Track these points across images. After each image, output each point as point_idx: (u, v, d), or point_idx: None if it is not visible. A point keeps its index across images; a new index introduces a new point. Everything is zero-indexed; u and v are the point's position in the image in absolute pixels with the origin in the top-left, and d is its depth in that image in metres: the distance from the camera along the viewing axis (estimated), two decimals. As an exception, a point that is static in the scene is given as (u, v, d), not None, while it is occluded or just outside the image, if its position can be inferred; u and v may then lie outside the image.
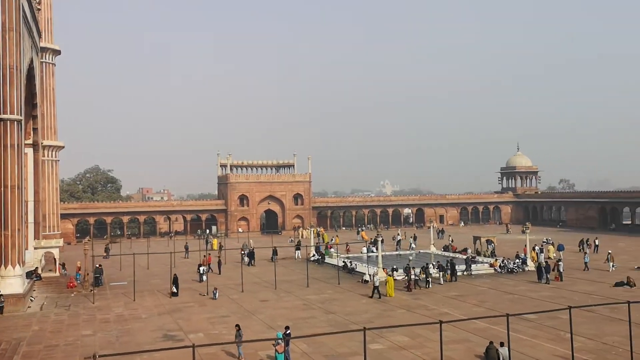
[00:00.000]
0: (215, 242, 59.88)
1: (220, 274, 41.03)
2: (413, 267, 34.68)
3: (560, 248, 48.10)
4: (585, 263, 39.54)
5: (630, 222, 77.53)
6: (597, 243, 50.37)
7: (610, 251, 41.68)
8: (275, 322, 25.15)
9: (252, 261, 46.50)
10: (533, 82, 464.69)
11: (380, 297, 30.61)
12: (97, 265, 38.85)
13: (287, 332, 20.18)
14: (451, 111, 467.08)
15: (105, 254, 52.11)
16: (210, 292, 32.46)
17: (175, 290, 32.83)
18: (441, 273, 35.98)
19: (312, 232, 53.42)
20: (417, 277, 33.91)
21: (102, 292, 34.68)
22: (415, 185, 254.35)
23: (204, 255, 43.58)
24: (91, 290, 34.22)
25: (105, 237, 75.45)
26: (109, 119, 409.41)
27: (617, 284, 32.70)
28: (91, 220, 76.24)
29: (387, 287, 31.53)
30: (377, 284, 31.44)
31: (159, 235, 78.98)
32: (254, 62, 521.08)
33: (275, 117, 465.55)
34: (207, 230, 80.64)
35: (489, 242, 49.65)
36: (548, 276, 34.87)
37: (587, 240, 51.58)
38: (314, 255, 48.11)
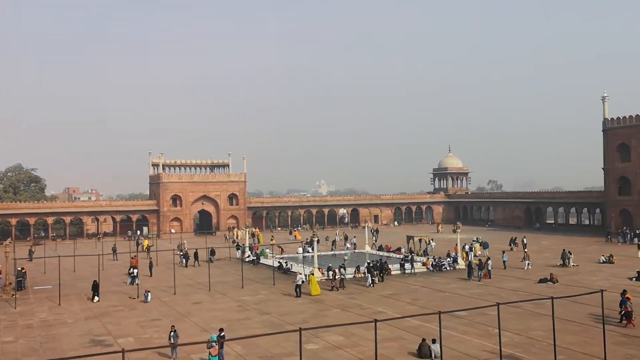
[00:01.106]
0: (146, 243, 58.27)
1: (151, 276, 39.89)
2: (340, 267, 35.19)
3: (485, 246, 49.84)
4: (504, 262, 40.72)
5: (553, 221, 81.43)
6: (525, 242, 52.48)
7: (526, 250, 43.35)
8: (209, 325, 24.69)
9: (197, 261, 45.61)
10: (465, 86, 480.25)
11: (300, 296, 31.02)
12: (20, 269, 36.97)
13: (222, 334, 19.82)
14: (386, 113, 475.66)
15: (28, 257, 49.70)
16: (141, 295, 31.49)
17: (95, 295, 31.37)
18: (376, 272, 36.43)
19: (247, 232, 52.86)
20: (342, 277, 34.26)
21: (25, 297, 32.99)
22: (350, 186, 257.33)
23: (132, 257, 42.26)
24: (13, 295, 32.45)
25: (28, 239, 71.87)
26: (32, 115, 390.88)
27: (541, 281, 34.18)
28: (13, 221, 72.43)
29: (310, 285, 31.85)
30: (299, 282, 31.72)
31: (86, 237, 75.98)
32: (185, 60, 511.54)
33: (210, 116, 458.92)
34: (138, 232, 78.36)
35: (428, 242, 50.78)
36: (480, 273, 36.00)
37: (514, 239, 53.61)
38: (248, 255, 47.66)
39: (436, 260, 41.24)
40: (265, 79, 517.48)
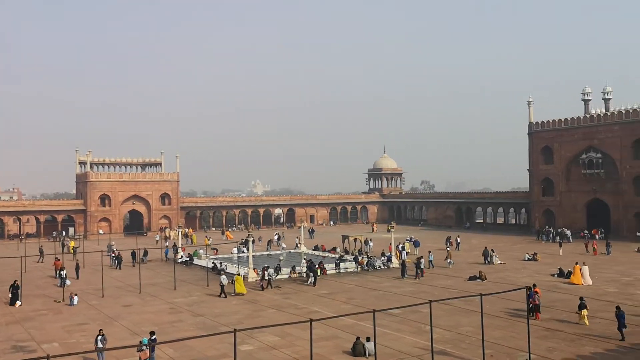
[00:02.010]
0: (72, 244, 55.95)
1: (77, 278, 38.29)
2: (268, 267, 35.21)
3: (416, 245, 51.00)
4: (430, 261, 41.36)
5: (482, 221, 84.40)
6: (458, 241, 54.00)
7: (448, 249, 44.57)
8: (140, 328, 23.93)
9: (135, 261, 44.09)
10: (400, 89, 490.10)
11: (225, 297, 30.81)
12: None
13: (153, 337, 19.27)
14: (322, 114, 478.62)
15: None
16: (67, 299, 30.16)
17: (16, 299, 29.74)
18: (311, 273, 36.50)
19: (179, 232, 51.73)
20: (270, 277, 34.23)
21: (-63, 303, 30.86)
22: (286, 186, 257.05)
23: (56, 259, 40.41)
24: None
25: (-58, 240, 67.44)
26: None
27: (471, 278, 35.28)
28: None
29: (236, 285, 31.78)
30: (223, 283, 31.52)
31: (7, 238, 72.14)
32: (119, 53, 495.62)
33: (142, 113, 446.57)
34: (64, 232, 75.10)
35: (366, 242, 51.33)
36: (419, 272, 36.73)
37: (449, 238, 55.04)
38: (181, 256, 46.66)
39: (369, 259, 41.75)
40: (201, 77, 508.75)
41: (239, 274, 34.00)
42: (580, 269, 33.67)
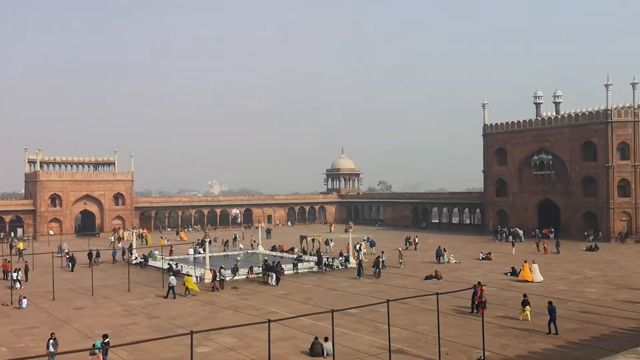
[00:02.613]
0: (20, 245, 54.07)
1: (27, 280, 37.01)
2: (222, 268, 35.05)
3: (372, 244, 51.46)
4: (383, 261, 41.03)
5: (438, 221, 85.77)
6: (417, 241, 54.61)
7: (400, 249, 44.98)
8: (93, 331, 23.31)
9: (92, 262, 42.63)
10: (358, 89, 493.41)
11: (175, 297, 30.45)
12: None
13: (106, 340, 18.79)
14: (280, 113, 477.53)
15: None
16: (15, 302, 29.11)
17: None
18: (273, 273, 36.31)
19: (134, 233, 50.65)
20: (223, 278, 33.99)
21: None
22: (244, 186, 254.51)
23: (5, 260, 38.98)
24: None
25: None
26: None
27: (427, 277, 35.76)
28: None
29: (186, 285, 31.52)
30: (172, 284, 31.17)
31: (-49, 240, 69.06)
32: (67, 48, 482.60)
33: (94, 111, 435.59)
34: (12, 233, 72.50)
35: (327, 242, 51.36)
36: (378, 271, 36.97)
37: (409, 238, 55.58)
38: (136, 257, 45.71)
39: (327, 260, 41.83)
40: (156, 74, 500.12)
41: (188, 275, 33.75)
42: (530, 267, 34.80)
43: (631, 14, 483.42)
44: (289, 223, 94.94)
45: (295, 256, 45.41)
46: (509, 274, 36.78)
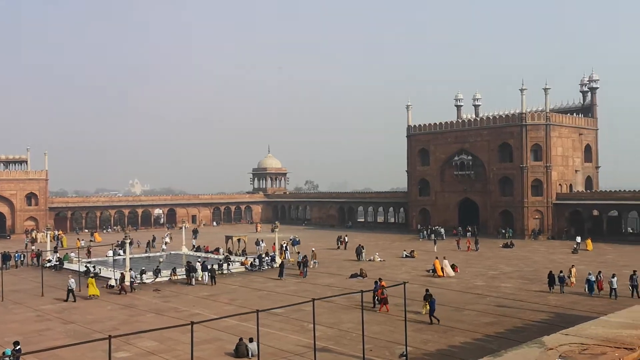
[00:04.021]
0: None
1: None
2: (130, 270, 34.05)
3: (294, 243, 51.51)
4: (298, 262, 40.63)
5: (363, 220, 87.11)
6: (346, 240, 55.03)
7: (313, 249, 45.22)
8: (2, 338, 21.90)
9: (6, 266, 40.04)
10: (284, 89, 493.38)
11: (75, 301, 29.43)
12: None
13: (17, 347, 17.70)
14: (205, 111, 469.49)
15: None
16: None
17: None
18: (196, 274, 35.52)
19: (48, 235, 48.14)
20: (132, 280, 33.06)
21: None
22: (167, 185, 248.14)
23: None
24: None
25: None
26: None
27: (352, 276, 36.13)
28: None
29: (89, 288, 30.55)
30: (72, 286, 30.04)
31: None
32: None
33: (4, 106, 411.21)
34: None
35: (257, 242, 50.72)
36: (306, 270, 36.95)
37: (340, 238, 55.88)
38: (49, 260, 43.43)
39: (254, 260, 41.46)
40: (73, 68, 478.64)
41: (91, 277, 32.59)
42: (441, 263, 36.61)
43: (544, 24, 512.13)
44: (215, 223, 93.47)
45: (220, 256, 44.67)
46: (430, 271, 37.79)
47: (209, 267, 35.89)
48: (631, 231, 60.81)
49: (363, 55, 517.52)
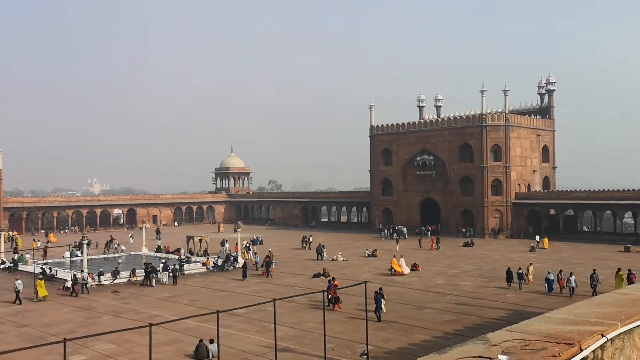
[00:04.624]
0: None
1: None
2: (81, 271, 33.43)
3: (254, 242, 51.21)
4: (256, 263, 40.68)
5: (327, 219, 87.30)
6: (311, 240, 54.96)
7: (270, 249, 45.09)
8: (-51, 344, 21.07)
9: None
10: (248, 89, 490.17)
11: (21, 303, 28.73)
12: None
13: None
14: (166, 109, 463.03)
15: None
16: None
17: None
18: (156, 275, 34.96)
19: (1, 236, 46.61)
20: (84, 282, 32.40)
21: None
22: (127, 185, 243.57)
23: None
24: None
25: None
26: None
27: (315, 275, 36.13)
28: None
29: (38, 290, 29.92)
30: (18, 288, 29.28)
31: None
32: None
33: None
34: None
35: (222, 243, 50.17)
36: (270, 269, 36.80)
37: (305, 237, 55.72)
38: (3, 261, 42.11)
39: (216, 260, 41.08)
40: (28, 63, 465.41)
41: (40, 278, 31.77)
42: (398, 261, 37.29)
43: (504, 30, 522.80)
44: (176, 223, 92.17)
45: (182, 257, 44.09)
46: (392, 270, 38.12)
47: (170, 267, 35.38)
48: (586, 230, 62.65)
49: (326, 57, 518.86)
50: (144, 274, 34.74)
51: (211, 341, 18.99)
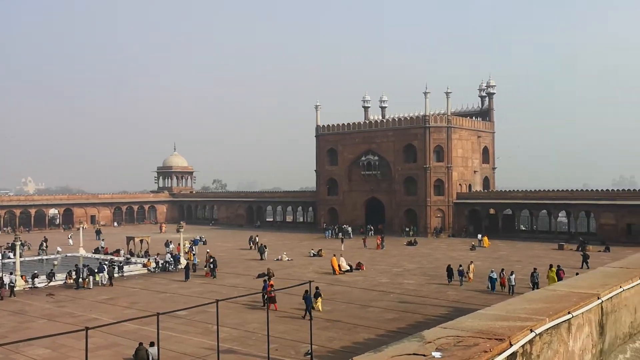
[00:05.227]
0: None
1: None
2: (10, 273, 32.48)
3: (195, 242, 50.47)
4: (194, 264, 39.77)
5: (272, 219, 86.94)
6: (257, 240, 54.52)
7: (208, 250, 44.67)
8: None
9: None
10: (193, 87, 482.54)
11: None
12: None
13: None
14: (108, 106, 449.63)
15: None
16: None
17: None
18: (91, 277, 33.86)
19: None
20: (13, 285, 31.20)
21: None
22: (64, 184, 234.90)
23: None
24: None
25: None
26: None
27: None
28: None
29: None
30: None
31: None
32: None
33: None
34: None
35: (167, 244, 48.97)
36: (215, 271, 36.28)
37: (252, 237, 55.06)
38: None
39: (156, 260, 40.19)
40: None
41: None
42: (338, 260, 37.86)
43: (448, 31, 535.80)
44: (115, 224, 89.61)
45: (121, 258, 42.90)
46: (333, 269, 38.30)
47: (106, 268, 34.37)
48: (523, 228, 64.89)
49: (273, 56, 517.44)
50: (81, 276, 33.57)
51: (151, 344, 18.50)
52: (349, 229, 63.61)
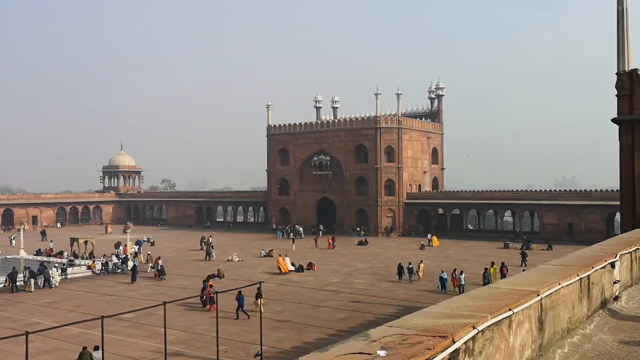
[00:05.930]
0: None
1: None
2: None
3: (138, 243, 49.25)
4: (135, 266, 38.12)
5: (222, 220, 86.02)
6: (210, 241, 53.75)
7: (149, 252, 43.73)
8: None
9: None
10: (136, 83, 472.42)
11: None
12: None
13: None
14: (50, 102, 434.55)
15: None
16: None
17: None
18: (33, 280, 32.62)
19: None
20: None
21: None
22: (4, 183, 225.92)
23: None
24: None
25: None
26: None
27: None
28: None
29: None
30: None
31: None
32: None
33: None
34: None
35: (117, 245, 47.55)
36: (161, 274, 35.50)
37: (203, 238, 54.11)
38: None
39: (103, 263, 39.09)
40: None
41: None
42: (283, 260, 38.03)
43: (398, 34, 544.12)
44: (59, 224, 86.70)
45: (65, 260, 41.55)
46: (295, 270, 38.23)
47: (43, 270, 33.22)
48: (471, 228, 66.50)
49: (222, 54, 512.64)
50: (21, 279, 32.35)
51: (96, 348, 17.97)
52: (301, 229, 63.65)
